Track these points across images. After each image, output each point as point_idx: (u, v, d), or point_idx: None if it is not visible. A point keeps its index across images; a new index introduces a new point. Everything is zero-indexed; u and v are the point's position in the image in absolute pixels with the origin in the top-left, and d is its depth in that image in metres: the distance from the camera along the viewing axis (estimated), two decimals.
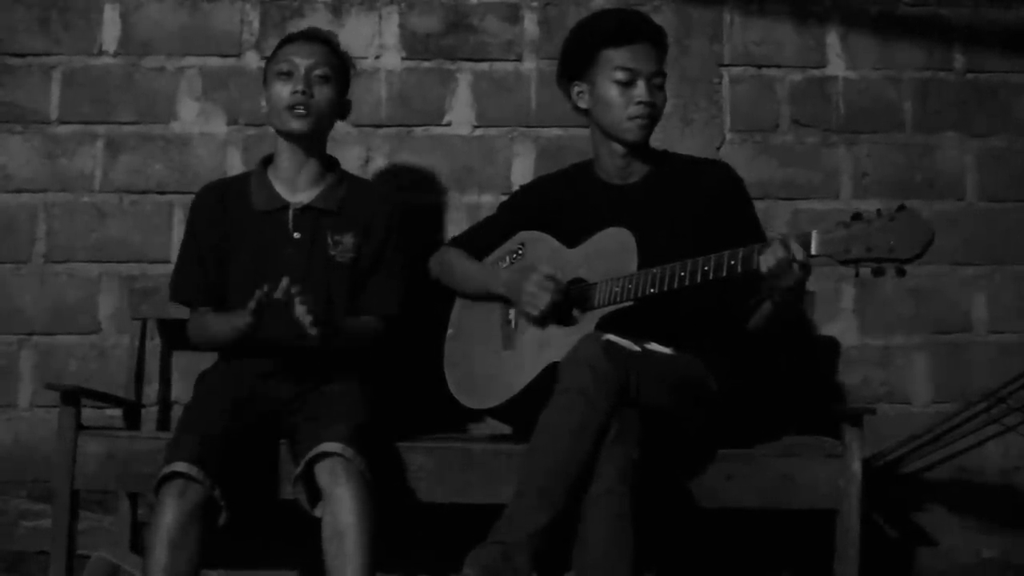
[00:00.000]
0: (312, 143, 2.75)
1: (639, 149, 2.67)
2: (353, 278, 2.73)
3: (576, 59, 2.67)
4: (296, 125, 2.68)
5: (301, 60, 2.69)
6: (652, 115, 2.61)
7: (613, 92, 2.60)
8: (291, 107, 2.67)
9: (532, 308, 2.58)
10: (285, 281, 2.41)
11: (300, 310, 2.43)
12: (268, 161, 2.81)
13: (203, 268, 2.75)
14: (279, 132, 2.74)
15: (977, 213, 3.26)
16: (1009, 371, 3.16)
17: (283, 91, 2.68)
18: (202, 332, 2.72)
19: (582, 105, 2.68)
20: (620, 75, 2.59)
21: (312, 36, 2.77)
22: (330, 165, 2.82)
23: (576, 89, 2.68)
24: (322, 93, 2.70)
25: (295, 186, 2.75)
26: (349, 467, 2.32)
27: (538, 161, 3.24)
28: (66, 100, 3.24)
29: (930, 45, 3.29)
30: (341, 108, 2.80)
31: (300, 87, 2.66)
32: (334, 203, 2.75)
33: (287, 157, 2.76)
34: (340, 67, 2.78)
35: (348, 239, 2.73)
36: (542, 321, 2.59)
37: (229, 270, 2.73)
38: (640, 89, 2.59)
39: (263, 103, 2.76)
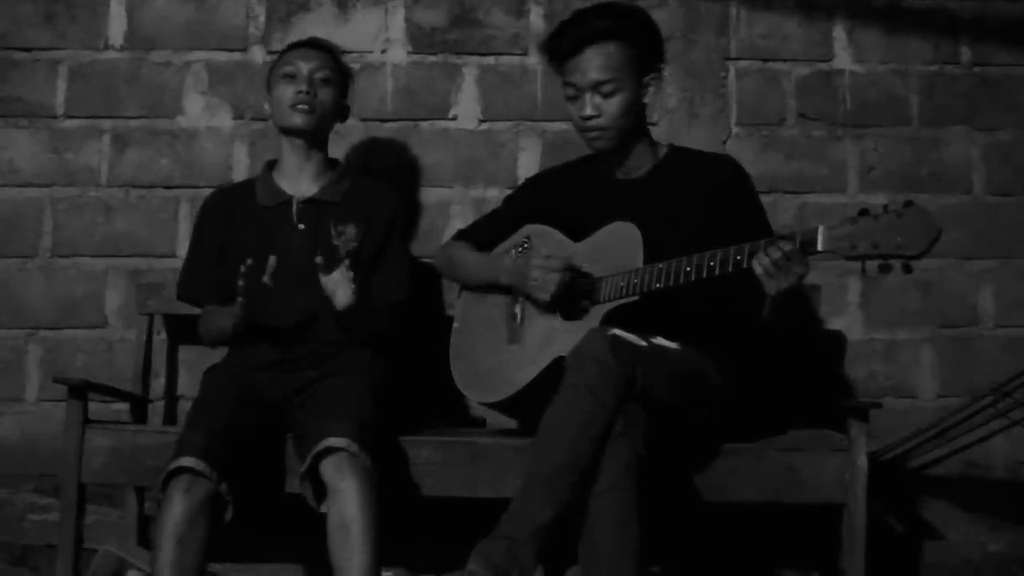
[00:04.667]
0: (314, 141, 2.80)
1: (638, 144, 2.66)
2: (356, 267, 2.73)
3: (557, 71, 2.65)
4: (299, 120, 2.74)
5: (304, 64, 2.77)
6: (601, 126, 2.57)
7: (570, 107, 2.61)
8: (294, 104, 2.73)
9: (542, 293, 2.57)
10: (272, 260, 2.52)
11: (335, 277, 2.56)
12: (272, 165, 2.86)
13: (210, 267, 2.79)
14: (282, 130, 2.79)
15: (984, 207, 3.25)
16: (1016, 365, 3.16)
17: (287, 91, 2.75)
18: (208, 327, 2.76)
19: None
20: (568, 91, 2.59)
21: (315, 44, 2.85)
22: (332, 164, 2.88)
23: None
24: (324, 93, 2.77)
25: (299, 182, 2.80)
26: (354, 462, 2.33)
27: (544, 155, 3.24)
28: (72, 95, 3.25)
29: (937, 38, 3.28)
30: (341, 111, 2.87)
31: (304, 87, 2.74)
32: (337, 195, 2.80)
33: (290, 156, 2.81)
34: (341, 72, 2.86)
35: (351, 229, 2.76)
36: (553, 304, 2.58)
37: (236, 266, 2.73)
38: (581, 103, 2.56)
39: (266, 106, 2.83)
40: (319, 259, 2.56)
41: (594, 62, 2.53)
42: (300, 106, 2.73)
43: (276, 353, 2.67)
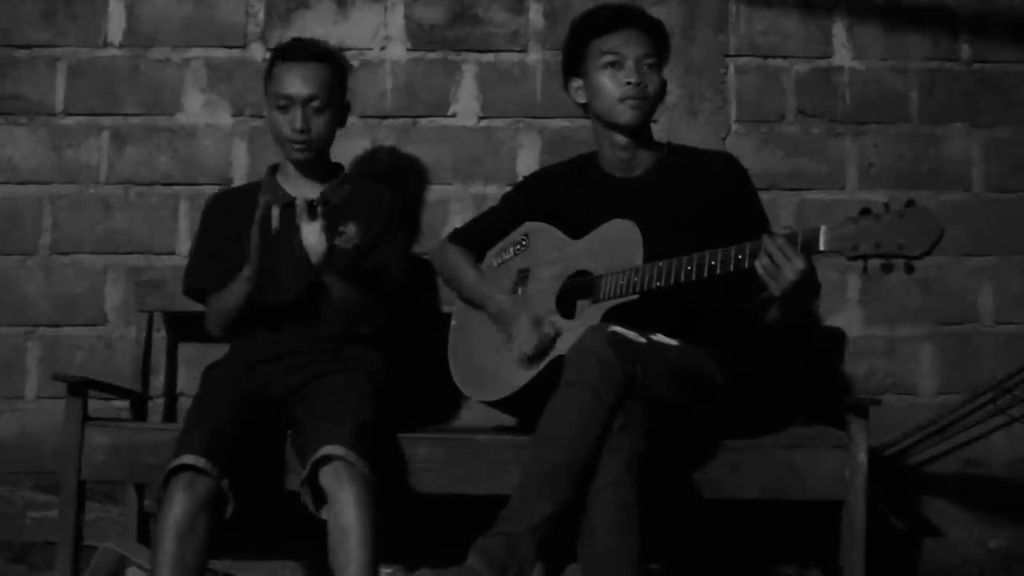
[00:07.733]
0: (315, 164, 2.82)
1: (641, 140, 2.67)
2: (356, 263, 2.75)
3: (571, 56, 2.69)
4: (297, 156, 2.78)
5: (296, 92, 2.72)
6: (643, 95, 2.60)
7: (603, 78, 2.61)
8: (289, 141, 2.75)
9: (522, 347, 2.58)
10: (277, 209, 2.57)
11: (311, 229, 2.53)
12: (275, 169, 2.88)
13: (216, 259, 2.79)
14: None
15: (983, 204, 3.25)
16: (1015, 362, 3.15)
17: (282, 122, 2.75)
18: (218, 306, 2.74)
19: (580, 100, 2.69)
20: (608, 58, 2.60)
21: (304, 56, 2.77)
22: (335, 170, 2.89)
23: (574, 85, 2.70)
24: (319, 124, 2.75)
25: (302, 187, 2.81)
26: (352, 471, 2.34)
27: (543, 152, 3.23)
28: (71, 92, 3.24)
29: (936, 35, 3.27)
30: (341, 121, 2.86)
31: (299, 125, 2.72)
32: (339, 197, 2.80)
33: (292, 170, 2.84)
34: (336, 82, 2.80)
35: (351, 228, 2.77)
36: (526, 361, 2.58)
37: (240, 263, 2.74)
38: (628, 70, 2.59)
39: (266, 112, 2.82)
40: (300, 202, 2.55)
41: (643, 38, 2.62)
42: (296, 146, 2.74)
43: (277, 346, 2.68)
